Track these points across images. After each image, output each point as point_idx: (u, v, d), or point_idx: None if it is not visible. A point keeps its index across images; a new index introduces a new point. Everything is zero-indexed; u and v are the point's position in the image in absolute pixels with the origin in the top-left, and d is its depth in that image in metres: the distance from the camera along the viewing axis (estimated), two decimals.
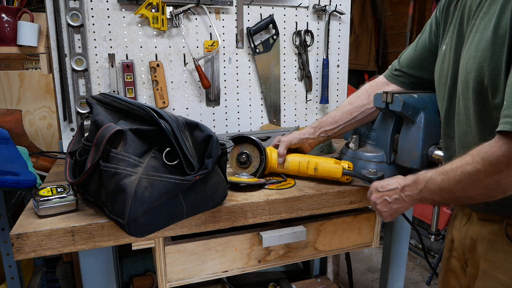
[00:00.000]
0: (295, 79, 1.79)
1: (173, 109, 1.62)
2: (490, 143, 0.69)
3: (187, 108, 1.64)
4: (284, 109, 1.79)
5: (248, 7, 1.64)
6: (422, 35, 1.08)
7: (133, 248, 0.92)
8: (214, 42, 1.61)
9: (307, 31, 1.75)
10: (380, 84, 1.19)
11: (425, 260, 1.11)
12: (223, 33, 1.63)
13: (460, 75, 0.85)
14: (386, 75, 1.19)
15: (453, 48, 0.90)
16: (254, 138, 1.12)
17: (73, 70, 1.44)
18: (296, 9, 1.72)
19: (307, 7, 1.73)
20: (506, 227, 0.84)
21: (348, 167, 1.07)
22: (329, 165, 1.07)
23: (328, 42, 1.77)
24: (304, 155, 1.15)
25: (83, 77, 1.47)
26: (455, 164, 0.75)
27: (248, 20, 1.65)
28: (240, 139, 1.14)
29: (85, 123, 1.08)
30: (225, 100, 1.70)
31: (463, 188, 0.74)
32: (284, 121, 1.81)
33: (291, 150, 1.16)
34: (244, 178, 1.04)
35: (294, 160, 1.12)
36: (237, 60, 1.68)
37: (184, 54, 1.59)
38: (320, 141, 1.21)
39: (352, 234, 1.15)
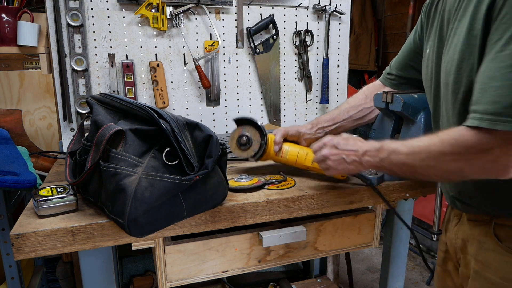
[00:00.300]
0: (295, 79, 1.79)
1: (173, 109, 1.62)
2: (459, 130, 0.70)
3: (187, 108, 1.64)
4: (284, 109, 1.79)
5: (248, 7, 1.64)
6: (409, 38, 1.10)
7: (133, 248, 0.92)
8: (214, 42, 1.61)
9: (307, 31, 1.75)
10: (376, 86, 1.22)
11: (424, 261, 1.12)
12: (223, 33, 1.63)
13: (441, 78, 0.87)
14: (381, 79, 1.22)
15: (435, 51, 0.92)
16: (257, 121, 1.11)
17: (73, 70, 1.45)
18: (296, 9, 1.72)
19: (307, 7, 1.73)
20: (494, 227, 0.84)
21: None
22: None
23: (328, 42, 1.77)
24: (303, 147, 1.15)
25: (83, 77, 1.47)
26: (423, 142, 0.76)
27: (248, 20, 1.65)
28: (243, 121, 1.13)
29: (85, 123, 1.08)
30: (225, 100, 1.70)
31: (425, 167, 0.76)
32: (284, 121, 1.81)
33: (288, 142, 1.15)
34: (244, 182, 1.04)
35: (293, 150, 1.12)
36: (237, 60, 1.68)
37: (184, 54, 1.59)
38: (317, 137, 1.19)
39: (352, 234, 1.15)
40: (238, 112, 1.73)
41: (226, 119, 1.72)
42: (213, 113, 1.69)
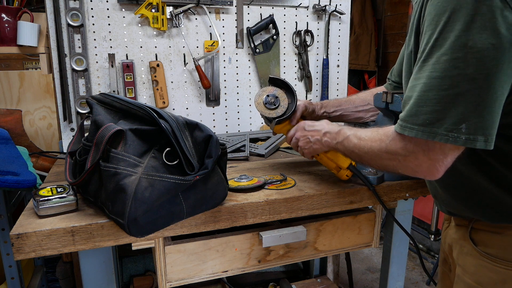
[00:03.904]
0: (295, 79, 1.79)
1: (173, 109, 1.62)
2: (394, 132, 0.76)
3: (187, 108, 1.64)
4: None
5: (248, 7, 1.64)
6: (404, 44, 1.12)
7: (133, 248, 0.92)
8: (214, 42, 1.61)
9: (307, 31, 1.75)
10: (382, 90, 1.23)
11: (425, 262, 1.12)
12: (223, 33, 1.63)
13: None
14: (386, 85, 1.24)
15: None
16: (292, 88, 1.14)
17: (73, 70, 1.44)
18: (296, 9, 1.72)
19: (307, 7, 1.73)
20: (471, 231, 0.85)
21: (354, 165, 1.07)
22: (338, 154, 1.06)
23: (328, 42, 1.77)
24: None
25: (83, 77, 1.47)
26: (369, 135, 0.83)
27: (248, 20, 1.65)
28: (277, 82, 1.16)
29: (85, 123, 1.08)
30: (225, 100, 1.70)
31: (369, 159, 0.83)
32: None
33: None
34: (244, 182, 1.04)
35: None
36: (237, 60, 1.68)
37: (184, 54, 1.59)
38: (320, 119, 1.20)
39: (352, 234, 1.15)
40: (238, 112, 1.73)
41: (226, 119, 1.72)
42: (213, 113, 1.69)
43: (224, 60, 1.66)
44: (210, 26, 1.59)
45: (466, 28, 0.62)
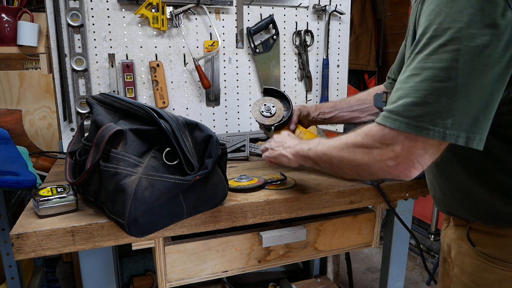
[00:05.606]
0: (295, 79, 1.79)
1: (173, 109, 1.62)
2: (371, 125, 0.72)
3: (187, 108, 1.64)
4: None
5: (248, 7, 1.64)
6: (403, 42, 1.11)
7: (133, 248, 0.92)
8: (214, 42, 1.61)
9: (307, 31, 1.75)
10: (381, 89, 1.24)
11: (426, 262, 1.12)
12: (223, 33, 1.63)
13: None
14: (385, 84, 1.24)
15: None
16: (288, 96, 1.21)
17: (73, 70, 1.44)
18: (296, 9, 1.72)
19: (307, 7, 1.73)
20: (468, 231, 0.85)
21: None
22: None
23: (328, 42, 1.77)
24: (316, 136, 1.21)
25: (83, 77, 1.47)
26: (345, 136, 0.79)
27: (248, 20, 1.65)
28: (271, 92, 1.22)
29: (85, 123, 1.08)
30: (225, 100, 1.70)
31: (341, 158, 0.77)
32: None
33: (301, 126, 1.23)
34: (244, 182, 1.04)
35: (312, 134, 1.18)
36: (237, 60, 1.68)
37: (184, 54, 1.59)
38: (317, 121, 1.27)
39: (352, 234, 1.15)
40: (238, 112, 1.73)
41: (226, 119, 1.71)
42: (213, 113, 1.69)
43: (224, 60, 1.66)
44: (210, 26, 1.59)
45: (469, 21, 0.61)
